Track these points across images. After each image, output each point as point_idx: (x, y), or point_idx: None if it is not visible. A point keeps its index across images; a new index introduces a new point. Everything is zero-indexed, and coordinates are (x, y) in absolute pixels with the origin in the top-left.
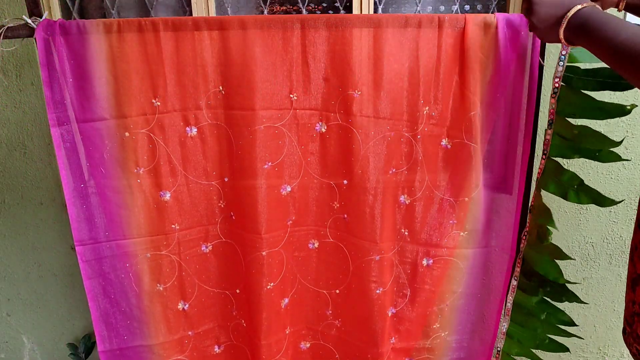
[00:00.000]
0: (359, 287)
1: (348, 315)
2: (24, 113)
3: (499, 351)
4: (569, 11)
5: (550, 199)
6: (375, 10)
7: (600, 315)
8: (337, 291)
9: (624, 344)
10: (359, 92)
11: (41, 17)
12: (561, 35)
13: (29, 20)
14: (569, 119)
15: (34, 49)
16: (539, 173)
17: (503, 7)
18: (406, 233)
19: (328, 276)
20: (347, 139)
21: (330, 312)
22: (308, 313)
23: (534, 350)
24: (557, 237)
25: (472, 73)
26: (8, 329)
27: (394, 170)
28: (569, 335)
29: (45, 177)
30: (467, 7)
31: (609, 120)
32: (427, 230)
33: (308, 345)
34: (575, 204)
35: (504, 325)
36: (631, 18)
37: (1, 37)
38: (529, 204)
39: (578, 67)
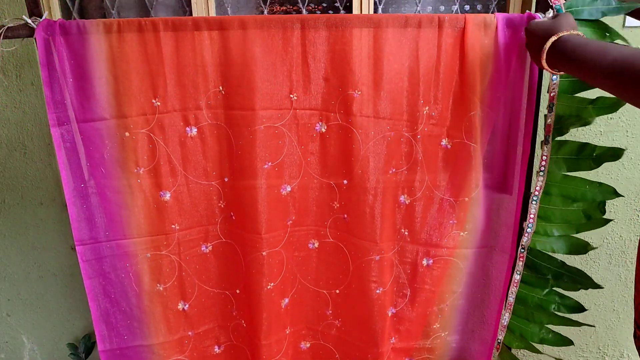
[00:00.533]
0: (359, 287)
1: (348, 315)
2: (24, 113)
3: (500, 342)
4: (550, 38)
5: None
6: (375, 10)
7: (600, 315)
8: (337, 291)
9: (624, 344)
10: (359, 92)
11: (41, 17)
12: (543, 63)
13: (29, 20)
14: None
15: (34, 49)
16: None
17: (503, 7)
18: (406, 233)
19: (328, 276)
20: (347, 139)
21: (330, 312)
22: (308, 313)
23: (536, 345)
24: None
25: (472, 73)
26: (8, 329)
27: (394, 170)
28: (580, 324)
29: (45, 177)
30: (467, 7)
31: (609, 120)
32: (427, 230)
33: (308, 345)
34: None
35: (505, 319)
36: (633, 20)
37: (1, 37)
38: (531, 196)
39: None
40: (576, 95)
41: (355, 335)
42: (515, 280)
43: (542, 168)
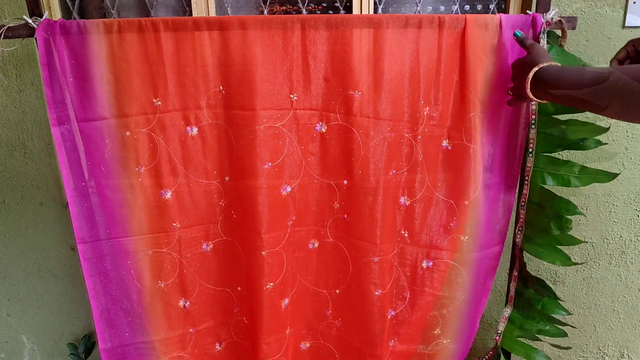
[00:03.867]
0: (359, 288)
1: (348, 315)
2: (24, 113)
3: (500, 333)
4: (532, 70)
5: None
6: (376, 10)
7: (600, 315)
8: (337, 291)
9: (624, 344)
10: (359, 93)
11: (41, 17)
12: (529, 93)
13: (30, 20)
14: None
15: (34, 49)
16: (527, 171)
17: (503, 7)
18: (406, 235)
19: (328, 276)
20: (348, 139)
21: (330, 312)
22: (308, 313)
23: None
24: None
25: (472, 73)
26: (8, 329)
27: (394, 171)
28: (564, 324)
29: (45, 177)
30: (467, 7)
31: (609, 120)
32: (427, 232)
33: (308, 345)
34: (575, 204)
35: (507, 311)
36: (632, 20)
37: (1, 37)
38: (520, 200)
39: None
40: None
41: (354, 336)
42: (514, 276)
43: (531, 149)
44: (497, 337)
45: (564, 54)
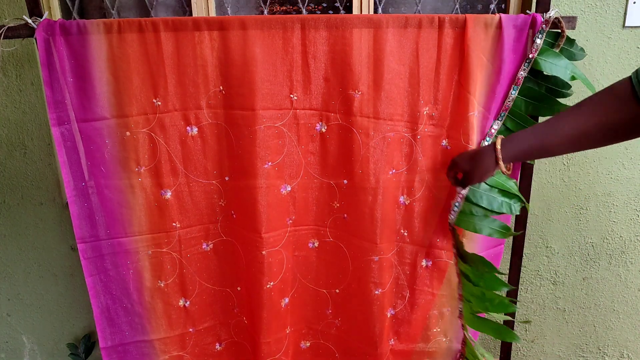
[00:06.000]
0: (359, 287)
1: (348, 314)
2: (24, 113)
3: (461, 311)
4: (494, 151)
5: (549, 197)
6: (375, 10)
7: (600, 315)
8: (337, 290)
9: (624, 344)
10: (359, 92)
11: (41, 17)
12: (503, 169)
13: (29, 20)
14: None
15: (33, 49)
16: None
17: (503, 7)
18: (405, 234)
19: (328, 275)
20: (347, 139)
21: (330, 311)
22: (308, 312)
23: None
24: (557, 238)
25: (471, 73)
26: (8, 329)
27: (394, 170)
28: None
29: (45, 177)
30: (467, 6)
31: None
32: (427, 231)
33: (308, 344)
34: (575, 204)
35: (460, 288)
36: (632, 20)
37: (1, 37)
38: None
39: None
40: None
41: (354, 335)
42: (454, 253)
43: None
44: (461, 315)
45: (556, 58)
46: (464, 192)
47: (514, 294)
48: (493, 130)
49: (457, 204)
